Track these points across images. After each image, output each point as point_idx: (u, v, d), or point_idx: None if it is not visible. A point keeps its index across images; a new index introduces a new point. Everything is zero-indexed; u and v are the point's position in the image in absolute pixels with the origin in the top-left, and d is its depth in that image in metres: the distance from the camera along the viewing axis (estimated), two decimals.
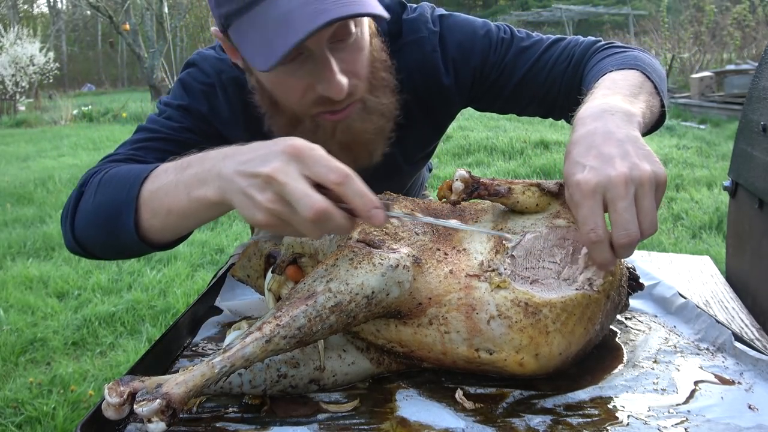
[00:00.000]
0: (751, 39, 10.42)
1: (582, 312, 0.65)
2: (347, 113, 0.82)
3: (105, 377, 2.02)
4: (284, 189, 0.56)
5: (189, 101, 0.92)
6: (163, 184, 0.68)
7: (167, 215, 0.68)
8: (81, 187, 0.80)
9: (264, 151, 0.58)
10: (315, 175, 0.56)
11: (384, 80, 0.87)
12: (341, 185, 0.56)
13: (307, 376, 0.66)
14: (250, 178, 0.57)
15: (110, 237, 0.75)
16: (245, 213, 0.59)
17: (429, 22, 0.97)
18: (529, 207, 0.75)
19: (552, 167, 4.83)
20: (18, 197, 4.76)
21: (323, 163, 0.57)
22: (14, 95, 12.59)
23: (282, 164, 0.56)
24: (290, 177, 0.56)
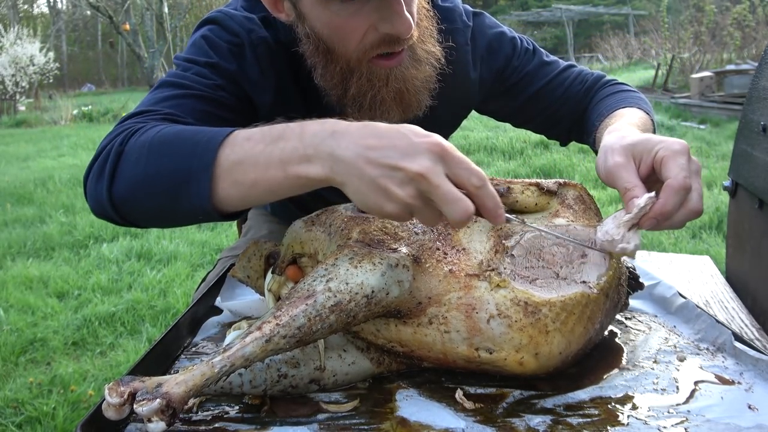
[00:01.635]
0: (751, 39, 10.42)
1: (582, 311, 0.65)
2: (400, 59, 0.82)
3: (105, 377, 2.02)
4: (434, 191, 0.56)
5: (217, 59, 0.85)
6: (248, 155, 0.62)
7: (251, 187, 0.63)
8: (121, 144, 0.71)
9: (404, 143, 0.57)
10: (457, 177, 0.57)
11: (429, 29, 0.88)
12: (480, 189, 0.57)
13: (307, 376, 0.66)
14: (387, 169, 0.56)
15: (168, 204, 0.68)
16: (370, 201, 0.58)
17: (463, 15, 0.99)
18: (529, 206, 0.75)
19: (552, 167, 4.84)
20: (18, 197, 4.76)
21: (465, 165, 0.57)
22: (14, 95, 12.60)
23: (431, 163, 0.56)
24: (441, 180, 0.56)
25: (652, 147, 0.67)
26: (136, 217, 0.73)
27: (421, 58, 0.85)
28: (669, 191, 0.63)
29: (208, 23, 0.90)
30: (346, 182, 0.58)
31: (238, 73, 0.86)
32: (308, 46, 0.84)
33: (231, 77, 0.85)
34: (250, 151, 0.62)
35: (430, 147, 0.56)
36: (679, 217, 0.64)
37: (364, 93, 0.84)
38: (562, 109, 1.02)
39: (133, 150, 0.70)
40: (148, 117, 0.76)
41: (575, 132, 1.05)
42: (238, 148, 0.63)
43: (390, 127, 0.59)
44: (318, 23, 0.79)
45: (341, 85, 0.84)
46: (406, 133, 0.57)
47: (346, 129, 0.59)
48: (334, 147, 0.58)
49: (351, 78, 0.83)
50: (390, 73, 0.82)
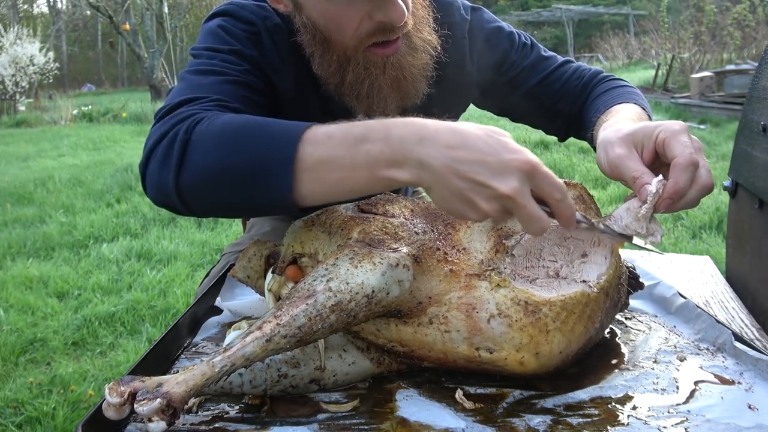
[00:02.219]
0: (751, 39, 10.42)
1: (582, 310, 0.65)
2: (397, 47, 0.83)
3: (105, 377, 2.02)
4: (520, 210, 0.58)
5: (240, 46, 0.85)
6: (333, 155, 0.62)
7: (336, 186, 0.63)
8: (186, 132, 0.68)
9: (494, 160, 0.57)
10: (540, 191, 0.59)
11: (425, 18, 0.88)
12: (560, 202, 0.60)
13: (307, 376, 0.66)
14: (476, 185, 0.57)
15: (244, 196, 0.67)
16: (453, 208, 0.60)
17: (461, 9, 1.00)
18: None
19: (552, 167, 4.83)
20: (18, 197, 4.76)
21: (550, 181, 0.59)
22: (14, 95, 12.60)
23: (519, 184, 0.57)
24: (528, 200, 0.58)
25: (652, 132, 0.67)
26: (204, 207, 0.71)
27: (417, 46, 0.86)
28: (678, 169, 0.63)
29: (220, 15, 0.90)
30: (432, 188, 0.60)
31: (260, 59, 0.86)
32: (306, 35, 0.84)
33: (255, 63, 0.85)
34: (334, 151, 0.62)
35: (520, 166, 0.57)
36: (692, 194, 0.64)
37: (361, 81, 0.84)
38: (560, 103, 1.02)
39: (203, 139, 0.68)
40: (201, 104, 0.74)
41: (573, 127, 1.05)
42: (320, 146, 0.63)
43: (479, 136, 0.59)
44: (314, 13, 0.80)
45: (338, 73, 0.85)
46: (495, 147, 0.58)
47: (435, 134, 0.59)
48: (422, 155, 0.59)
49: (348, 66, 0.84)
50: (387, 61, 0.83)
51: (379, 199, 0.79)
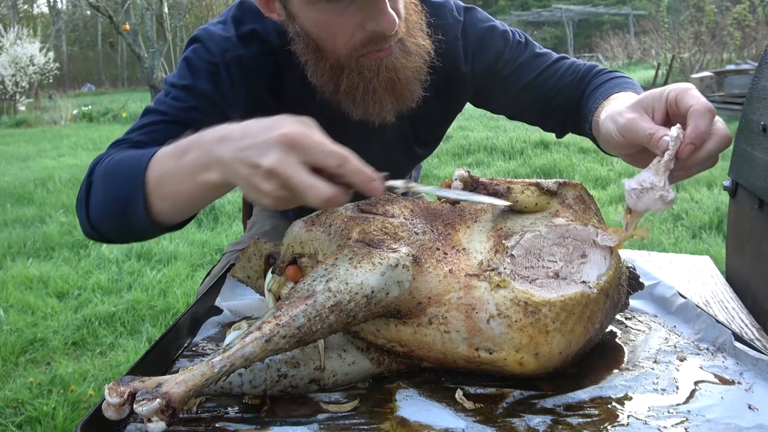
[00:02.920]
0: (751, 39, 10.42)
1: (581, 311, 0.65)
2: (390, 50, 0.83)
3: (105, 377, 2.02)
4: (289, 181, 0.58)
5: (193, 81, 0.90)
6: (166, 171, 0.70)
7: (176, 199, 0.70)
8: (89, 175, 0.81)
9: (259, 140, 0.59)
10: (313, 162, 0.59)
11: (416, 22, 0.89)
12: (340, 167, 0.59)
13: (307, 376, 0.66)
14: (251, 168, 0.59)
15: (124, 224, 0.77)
16: (252, 197, 0.62)
17: (453, 10, 1.00)
18: (528, 206, 0.75)
19: (552, 167, 4.84)
20: (18, 197, 4.76)
21: (320, 149, 0.59)
22: (14, 95, 12.60)
23: (281, 155, 0.58)
24: (292, 169, 0.58)
25: (661, 94, 0.66)
26: (111, 236, 0.84)
27: (410, 50, 0.86)
28: (697, 114, 0.62)
29: (194, 42, 0.95)
30: (235, 182, 0.63)
31: (214, 93, 0.91)
32: (299, 44, 0.86)
33: (206, 97, 0.90)
34: (166, 166, 0.70)
35: (278, 139, 0.58)
36: (712, 145, 0.63)
37: (355, 86, 0.85)
38: (556, 99, 1.02)
39: (96, 178, 0.80)
40: (120, 146, 0.86)
41: (571, 122, 1.05)
42: (158, 166, 0.71)
43: (261, 123, 0.61)
44: (307, 22, 0.82)
45: (332, 81, 0.86)
46: (264, 128, 0.60)
47: (230, 132, 0.63)
48: (219, 152, 0.62)
49: (341, 74, 0.85)
50: (380, 64, 0.84)
51: (379, 200, 0.79)
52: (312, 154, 0.58)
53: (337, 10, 0.77)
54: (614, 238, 0.68)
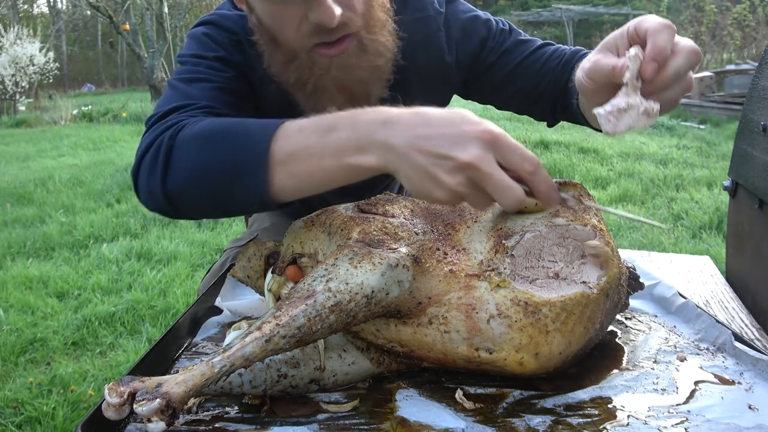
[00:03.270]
0: (751, 39, 10.42)
1: (582, 311, 0.65)
2: (343, 48, 0.82)
3: (105, 377, 2.02)
4: (486, 179, 0.57)
5: (225, 53, 0.88)
6: (303, 146, 0.65)
7: (307, 177, 0.66)
8: (171, 138, 0.72)
9: (454, 132, 0.58)
10: (509, 164, 0.58)
11: (381, 20, 0.87)
12: (533, 174, 0.59)
13: (307, 376, 0.66)
14: (437, 158, 0.58)
15: (224, 196, 0.70)
16: (420, 188, 0.60)
17: (435, 2, 1.00)
18: (529, 206, 0.75)
19: (552, 167, 4.84)
20: (18, 197, 4.76)
21: (518, 152, 0.58)
22: (14, 95, 12.59)
23: (481, 152, 0.57)
24: (493, 168, 0.57)
25: (622, 30, 0.64)
26: (191, 208, 0.74)
27: (367, 48, 0.85)
28: (653, 31, 0.60)
29: (204, 24, 0.93)
30: (398, 170, 0.61)
31: (245, 65, 0.89)
32: (258, 34, 0.86)
33: (239, 69, 0.88)
34: (304, 142, 0.65)
35: (480, 135, 0.57)
36: (680, 61, 0.60)
37: (305, 80, 0.85)
38: (542, 84, 1.01)
39: (185, 143, 0.71)
40: (188, 111, 0.78)
41: (559, 107, 1.04)
42: (291, 140, 0.65)
43: (442, 114, 0.60)
44: (261, 13, 0.82)
45: (285, 72, 0.86)
46: (455, 120, 0.59)
47: (398, 117, 0.60)
48: (386, 136, 0.60)
49: (292, 65, 0.84)
50: (332, 63, 0.83)
51: (379, 199, 0.79)
52: (510, 156, 0.58)
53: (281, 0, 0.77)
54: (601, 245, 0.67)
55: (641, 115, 0.60)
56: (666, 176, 4.43)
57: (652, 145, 5.53)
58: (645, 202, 3.99)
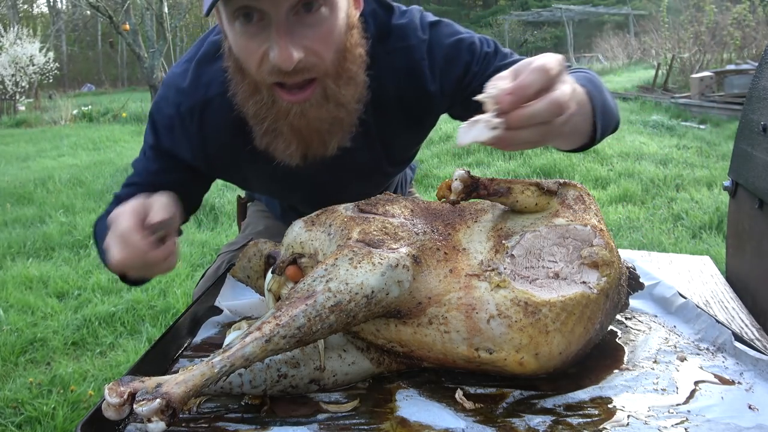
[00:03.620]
0: (751, 39, 10.42)
1: (582, 311, 0.65)
2: (304, 96, 0.82)
3: (105, 377, 2.02)
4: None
5: (155, 140, 0.97)
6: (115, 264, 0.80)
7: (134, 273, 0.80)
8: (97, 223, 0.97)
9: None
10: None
11: (351, 72, 0.87)
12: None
13: (307, 376, 0.66)
14: None
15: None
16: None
17: (418, 29, 0.98)
18: (529, 206, 0.75)
19: (552, 167, 4.84)
20: (18, 197, 4.76)
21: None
22: (14, 95, 12.59)
23: None
24: None
25: (531, 60, 0.64)
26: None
27: (330, 99, 0.85)
28: (526, 67, 0.61)
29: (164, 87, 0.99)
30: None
31: (174, 147, 0.96)
32: (229, 61, 0.88)
33: (169, 153, 0.97)
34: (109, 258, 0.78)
35: None
36: (538, 106, 0.60)
37: (263, 117, 0.86)
38: None
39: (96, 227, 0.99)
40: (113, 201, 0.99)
41: None
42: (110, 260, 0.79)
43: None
44: (231, 41, 0.83)
45: (247, 102, 0.87)
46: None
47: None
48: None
49: (253, 98, 0.85)
50: (291, 108, 0.83)
51: (379, 200, 0.79)
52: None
53: (250, 32, 0.78)
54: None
55: (485, 128, 0.61)
56: (666, 176, 4.43)
57: (652, 145, 5.53)
58: (645, 202, 3.99)
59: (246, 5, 0.75)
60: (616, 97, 9.62)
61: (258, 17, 0.76)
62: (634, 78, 11.32)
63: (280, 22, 0.76)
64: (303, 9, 0.77)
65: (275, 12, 0.75)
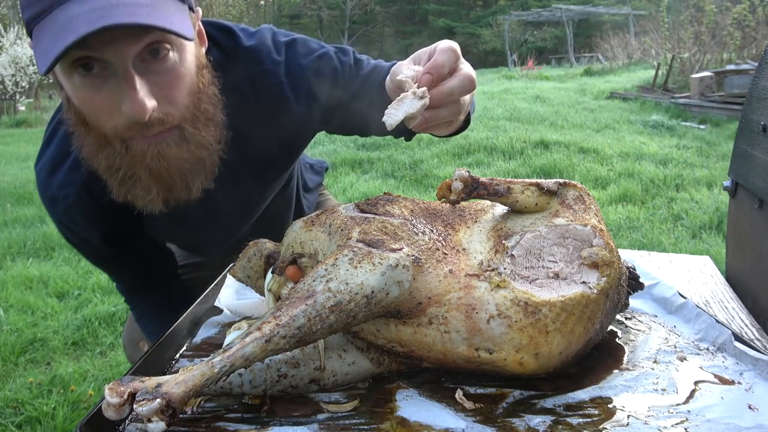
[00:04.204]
0: (751, 39, 10.42)
1: (581, 311, 0.65)
2: (162, 137, 0.79)
3: (105, 377, 2.02)
4: None
5: (69, 237, 1.03)
6: None
7: None
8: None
9: None
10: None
11: (208, 113, 0.84)
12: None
13: (307, 376, 0.66)
14: None
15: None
16: None
17: (272, 51, 0.95)
18: (529, 206, 0.75)
19: (552, 167, 4.84)
20: (18, 197, 4.76)
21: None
22: (14, 95, 12.58)
23: None
24: None
25: (429, 48, 0.71)
26: None
27: (190, 140, 0.81)
28: (438, 50, 0.67)
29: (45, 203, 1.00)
30: None
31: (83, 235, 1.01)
32: (67, 113, 0.83)
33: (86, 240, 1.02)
34: None
35: None
36: (455, 82, 0.67)
37: (117, 167, 0.81)
38: (375, 102, 0.97)
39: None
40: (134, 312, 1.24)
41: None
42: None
43: None
44: (69, 91, 0.79)
45: (96, 156, 0.82)
46: None
47: None
48: None
49: (104, 151, 0.80)
50: (148, 150, 0.79)
51: (379, 199, 0.79)
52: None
53: (92, 86, 0.74)
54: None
55: (413, 100, 0.64)
56: (666, 176, 4.43)
57: (652, 145, 5.53)
58: (645, 202, 3.99)
59: (86, 56, 0.71)
60: (616, 97, 9.58)
61: (99, 67, 0.72)
62: (634, 78, 11.32)
63: (127, 71, 0.72)
64: (149, 55, 0.74)
65: (120, 61, 0.71)
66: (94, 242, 1.01)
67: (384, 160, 5.43)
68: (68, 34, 0.67)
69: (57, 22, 0.69)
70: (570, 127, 6.64)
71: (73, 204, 0.95)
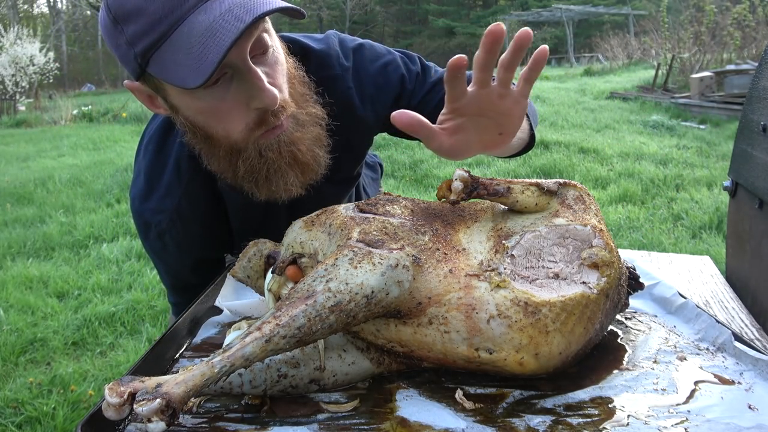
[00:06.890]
0: (751, 39, 10.42)
1: (582, 311, 0.65)
2: (283, 127, 0.82)
3: (105, 377, 2.02)
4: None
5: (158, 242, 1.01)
6: None
7: None
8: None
9: None
10: None
11: (304, 94, 0.88)
12: None
13: (307, 376, 0.66)
14: None
15: None
16: None
17: (340, 57, 0.98)
18: (529, 206, 0.75)
19: (552, 167, 4.84)
20: (18, 197, 4.76)
21: None
22: (14, 95, 12.58)
23: None
24: None
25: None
26: None
27: (303, 122, 0.86)
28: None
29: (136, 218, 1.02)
30: None
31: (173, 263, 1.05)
32: (188, 135, 0.85)
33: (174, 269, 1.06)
34: None
35: None
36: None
37: (258, 169, 0.84)
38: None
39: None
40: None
41: None
42: None
43: None
44: (190, 112, 0.80)
45: (230, 167, 0.85)
46: None
47: None
48: None
49: (239, 158, 0.84)
50: (279, 141, 0.83)
51: (379, 200, 0.79)
52: None
53: (217, 95, 0.76)
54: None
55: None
56: (666, 176, 4.43)
57: (652, 145, 5.53)
58: (645, 202, 3.99)
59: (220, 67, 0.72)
60: (616, 97, 9.58)
61: (218, 74, 0.74)
62: (634, 78, 11.32)
63: (249, 67, 0.75)
64: (257, 49, 0.77)
65: (242, 60, 0.74)
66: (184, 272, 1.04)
67: (384, 160, 5.43)
68: (217, 38, 0.68)
69: (192, 34, 0.69)
70: (570, 127, 6.64)
71: (166, 229, 0.98)
